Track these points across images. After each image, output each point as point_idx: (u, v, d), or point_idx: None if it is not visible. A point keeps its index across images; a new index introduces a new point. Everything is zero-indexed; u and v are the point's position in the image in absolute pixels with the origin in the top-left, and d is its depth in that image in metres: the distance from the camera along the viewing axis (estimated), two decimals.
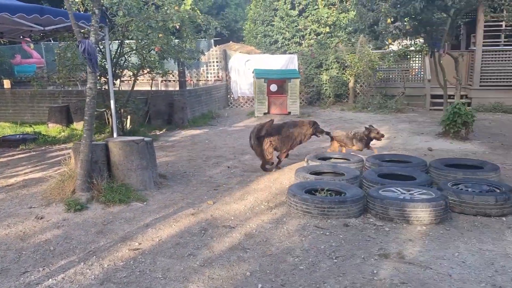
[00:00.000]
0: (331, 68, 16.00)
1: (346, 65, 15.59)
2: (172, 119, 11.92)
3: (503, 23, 13.37)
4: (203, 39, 14.17)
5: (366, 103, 14.85)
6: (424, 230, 4.49)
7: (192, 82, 16.61)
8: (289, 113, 13.91)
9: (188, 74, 16.23)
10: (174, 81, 15.28)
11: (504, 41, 13.85)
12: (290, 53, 17.44)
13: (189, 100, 12.68)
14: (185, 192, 5.94)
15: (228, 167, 7.39)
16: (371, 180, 5.66)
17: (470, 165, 6.44)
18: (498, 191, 5.15)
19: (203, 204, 5.45)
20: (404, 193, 5.10)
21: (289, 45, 18.87)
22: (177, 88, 13.48)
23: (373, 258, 3.85)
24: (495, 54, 14.02)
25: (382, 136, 7.42)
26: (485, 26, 13.56)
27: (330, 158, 7.18)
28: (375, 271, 3.60)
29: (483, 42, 13.88)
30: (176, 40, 10.15)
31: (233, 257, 3.93)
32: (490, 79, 14.15)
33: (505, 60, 13.93)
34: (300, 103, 15.54)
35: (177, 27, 8.81)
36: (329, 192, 5.26)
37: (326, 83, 16.03)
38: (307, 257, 3.92)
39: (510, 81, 13.91)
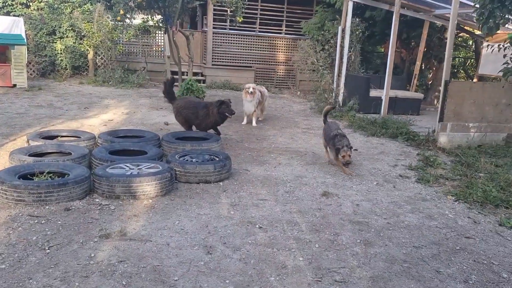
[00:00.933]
0: (67, 37, 14.55)
1: (83, 34, 14.44)
2: None
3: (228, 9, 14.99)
4: None
5: (107, 77, 14.21)
6: (150, 203, 4.56)
7: None
8: (14, 85, 11.94)
9: None
10: None
11: (229, 26, 15.58)
12: (14, 15, 14.86)
13: None
14: None
15: None
16: (100, 157, 5.38)
17: (198, 137, 6.98)
18: (217, 159, 5.73)
19: None
20: (133, 169, 5.05)
21: (14, 6, 16.07)
22: None
23: (93, 241, 3.63)
24: (223, 37, 15.67)
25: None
26: (214, 10, 14.93)
27: (58, 136, 6.49)
28: (92, 255, 3.40)
29: (213, 24, 15.29)
30: None
31: None
32: (221, 59, 15.79)
33: (231, 43, 15.76)
34: (31, 74, 13.61)
35: None
36: (51, 175, 4.71)
37: (61, 53, 14.51)
38: (13, 253, 3.36)
39: (236, 62, 15.88)
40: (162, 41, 16.24)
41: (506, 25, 6.30)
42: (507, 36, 10.07)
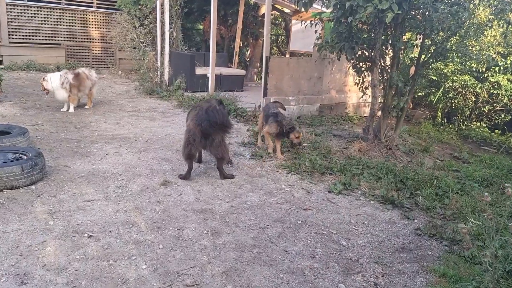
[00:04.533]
0: None
1: None
2: None
3: None
4: None
5: None
6: None
7: None
8: None
9: None
10: None
11: None
12: None
13: None
14: None
15: None
16: None
17: None
18: (25, 157, 4.67)
19: None
20: None
21: None
22: None
23: None
24: (22, 9, 13.22)
25: None
26: None
27: None
28: None
29: None
30: None
31: None
32: (21, 35, 13.33)
33: (33, 16, 13.44)
34: None
35: None
36: None
37: None
38: None
39: (41, 39, 13.65)
40: None
41: (316, 3, 6.74)
42: (311, 15, 11.10)
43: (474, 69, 9.17)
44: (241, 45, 14.99)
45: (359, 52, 6.57)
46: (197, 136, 4.73)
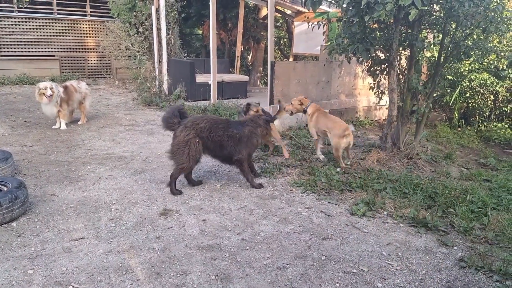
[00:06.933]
0: None
1: None
2: None
3: None
4: None
5: None
6: None
7: None
8: None
9: None
10: None
11: (18, 7, 12.69)
12: None
13: None
14: None
15: None
16: None
17: None
18: (5, 189, 4.11)
19: None
20: None
21: None
22: None
23: None
24: (12, 21, 12.70)
25: None
26: None
27: None
28: None
29: None
30: None
31: None
32: (12, 48, 12.82)
33: (24, 28, 12.92)
34: None
35: None
36: None
37: None
38: None
39: (33, 51, 13.14)
40: None
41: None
42: (315, 15, 10.53)
43: (492, 67, 8.57)
44: (242, 49, 14.43)
45: (373, 54, 6.00)
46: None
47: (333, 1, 6.00)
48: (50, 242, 3.54)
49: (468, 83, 9.05)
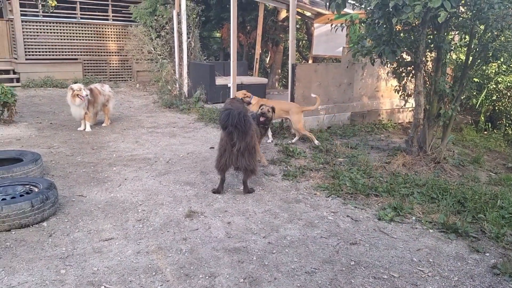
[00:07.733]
0: None
1: None
2: None
3: None
4: None
5: None
6: None
7: None
8: None
9: None
10: None
11: (43, 12, 12.97)
12: None
13: None
14: None
15: None
16: None
17: (6, 159, 5.19)
18: (36, 190, 4.18)
19: None
20: None
21: None
22: None
23: None
24: (37, 25, 13.00)
25: None
26: None
27: None
28: None
29: (21, 11, 12.52)
30: None
31: None
32: (37, 51, 13.11)
33: (48, 32, 13.20)
34: None
35: None
36: None
37: None
38: None
39: (57, 55, 13.41)
40: None
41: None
42: (334, 17, 10.47)
43: None
44: (260, 51, 14.44)
45: (399, 56, 5.92)
46: (228, 144, 4.53)
47: (357, 4, 5.94)
48: (80, 242, 3.59)
49: (494, 86, 8.86)
